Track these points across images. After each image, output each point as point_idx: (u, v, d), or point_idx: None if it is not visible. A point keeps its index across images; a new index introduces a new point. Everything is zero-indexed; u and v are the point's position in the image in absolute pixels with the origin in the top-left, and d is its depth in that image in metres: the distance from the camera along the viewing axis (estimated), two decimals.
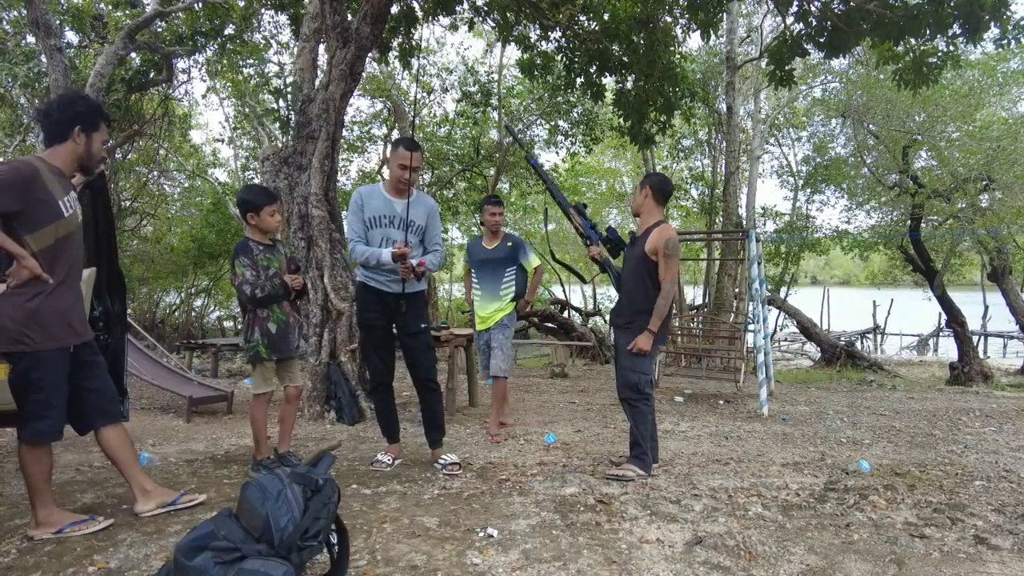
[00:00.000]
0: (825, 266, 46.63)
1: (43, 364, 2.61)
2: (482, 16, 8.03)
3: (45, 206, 2.60)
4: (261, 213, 3.54)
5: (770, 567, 2.46)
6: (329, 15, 5.85)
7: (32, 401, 2.61)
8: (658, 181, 3.81)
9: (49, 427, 2.66)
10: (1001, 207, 11.62)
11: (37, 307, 2.58)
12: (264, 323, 3.54)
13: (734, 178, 13.26)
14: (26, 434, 2.66)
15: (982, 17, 5.03)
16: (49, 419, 2.66)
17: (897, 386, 8.93)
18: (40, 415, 2.63)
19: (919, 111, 11.65)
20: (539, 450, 4.38)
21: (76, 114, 2.70)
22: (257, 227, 3.57)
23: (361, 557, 2.47)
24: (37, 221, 2.58)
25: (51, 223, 2.62)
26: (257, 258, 3.52)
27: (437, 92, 15.83)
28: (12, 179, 2.51)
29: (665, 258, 3.58)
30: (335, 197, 6.11)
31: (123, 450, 2.93)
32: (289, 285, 3.60)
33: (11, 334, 2.54)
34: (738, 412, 6.22)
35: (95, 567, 2.37)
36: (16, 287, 2.54)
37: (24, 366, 2.57)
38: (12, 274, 2.54)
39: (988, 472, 3.92)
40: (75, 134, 2.70)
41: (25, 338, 2.56)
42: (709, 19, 6.39)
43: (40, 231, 2.59)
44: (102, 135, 2.81)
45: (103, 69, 8.16)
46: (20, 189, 2.52)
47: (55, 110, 2.71)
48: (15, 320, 2.54)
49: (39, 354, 2.60)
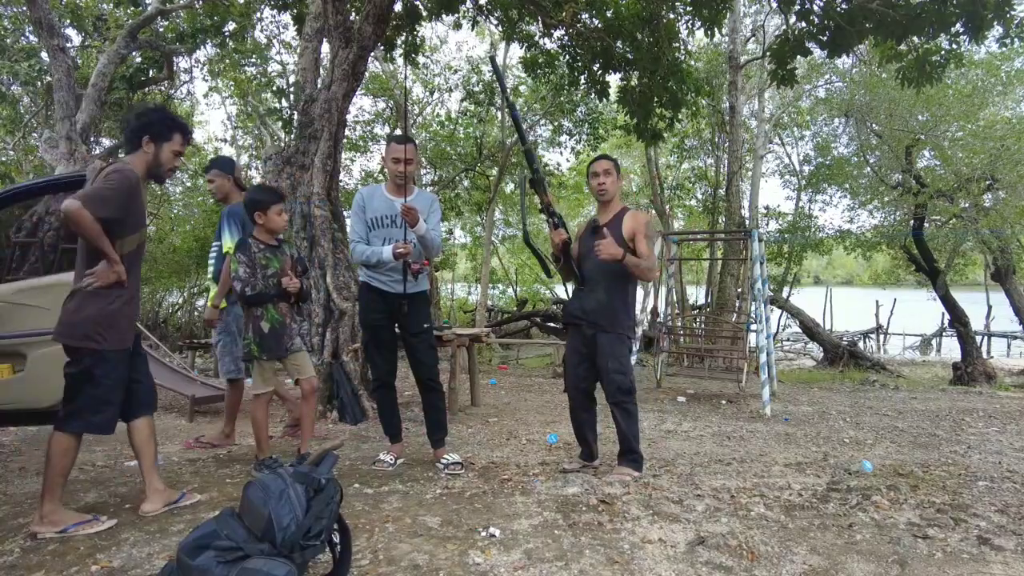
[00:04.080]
0: (828, 266, 46.60)
1: (108, 362, 2.76)
2: (485, 15, 8.02)
3: (138, 214, 2.78)
4: (268, 212, 3.51)
5: (772, 567, 2.45)
6: (331, 15, 5.85)
7: (88, 395, 2.73)
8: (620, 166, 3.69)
9: (105, 421, 2.81)
10: (1005, 207, 11.58)
11: (116, 310, 2.74)
12: (257, 322, 3.52)
13: (737, 177, 13.24)
14: (75, 426, 2.75)
15: (985, 16, 5.02)
16: (105, 414, 2.80)
17: (900, 386, 8.91)
18: (96, 409, 2.76)
19: (922, 110, 11.61)
20: (541, 450, 4.38)
21: (145, 124, 2.83)
22: (264, 226, 3.54)
23: (363, 556, 2.47)
24: (128, 228, 2.74)
25: (137, 231, 2.81)
26: (255, 256, 3.50)
27: (440, 92, 15.85)
28: (123, 188, 2.66)
29: (647, 239, 3.45)
30: (338, 197, 6.12)
31: (149, 444, 3.00)
32: (285, 286, 3.52)
33: (85, 331, 2.68)
34: (740, 412, 6.21)
35: (98, 566, 2.38)
36: (99, 288, 2.69)
37: (88, 362, 2.71)
38: (97, 275, 2.69)
39: (991, 473, 3.91)
40: (144, 143, 2.82)
41: (98, 337, 2.70)
42: (713, 15, 6.38)
43: (128, 237, 2.77)
44: (173, 145, 2.91)
45: (105, 68, 8.18)
46: (126, 198, 2.68)
47: (131, 120, 2.87)
48: (94, 319, 2.68)
49: (106, 353, 2.74)
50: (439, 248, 3.88)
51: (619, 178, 3.61)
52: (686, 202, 18.67)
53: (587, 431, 3.78)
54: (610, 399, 3.56)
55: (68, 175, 4.50)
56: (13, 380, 3.19)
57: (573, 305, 3.69)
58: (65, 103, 6.95)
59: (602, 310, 3.54)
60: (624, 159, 21.43)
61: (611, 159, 3.67)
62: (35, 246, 4.66)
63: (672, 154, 18.04)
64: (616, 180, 3.59)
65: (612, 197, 3.61)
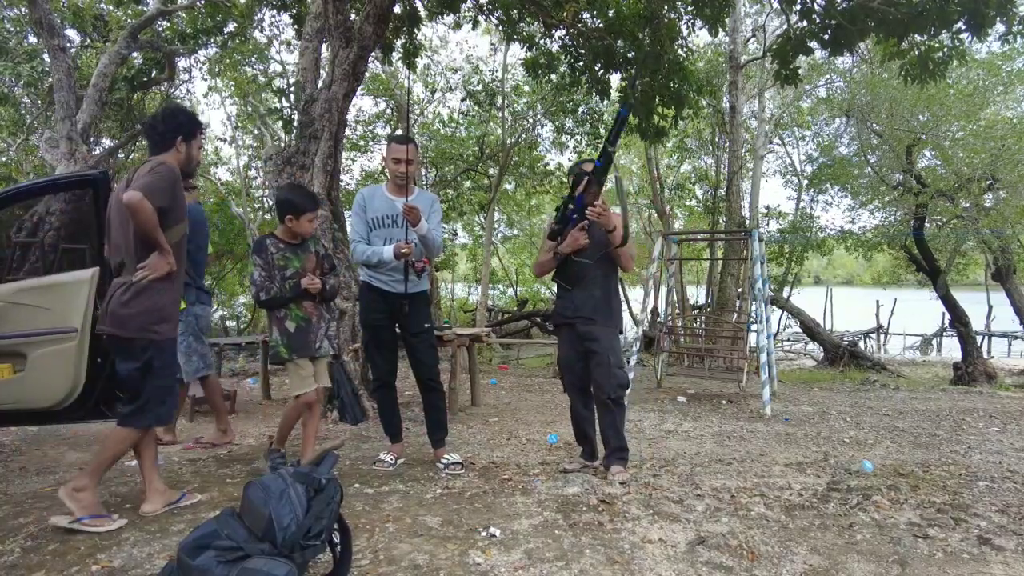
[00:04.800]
0: (828, 266, 46.54)
1: (165, 352, 2.88)
2: (486, 14, 8.02)
3: (180, 207, 2.88)
4: (301, 219, 3.44)
5: (773, 567, 2.45)
6: (332, 15, 5.84)
7: (152, 387, 2.83)
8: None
9: (169, 410, 2.95)
10: (1005, 206, 11.57)
11: (167, 301, 2.85)
12: (282, 322, 3.45)
13: (737, 177, 13.24)
14: (145, 420, 2.85)
15: (987, 13, 5.00)
16: (168, 404, 2.94)
17: (900, 386, 8.90)
18: (161, 400, 2.88)
19: (923, 110, 11.59)
20: (542, 450, 4.38)
21: (178, 125, 2.94)
22: (291, 229, 3.47)
23: (364, 556, 2.47)
24: (173, 219, 2.84)
25: (180, 223, 2.90)
26: (273, 257, 3.43)
27: (440, 92, 15.85)
28: (171, 178, 2.78)
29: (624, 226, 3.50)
30: (338, 197, 6.12)
31: (150, 445, 3.02)
32: (304, 287, 3.43)
33: (140, 323, 2.77)
34: (741, 412, 6.21)
35: (99, 566, 2.38)
36: (153, 280, 2.78)
37: (147, 354, 2.80)
38: (151, 267, 2.78)
39: (992, 472, 3.91)
40: (178, 143, 2.93)
41: (154, 328, 2.79)
42: (715, 14, 6.37)
43: (174, 228, 2.86)
44: (199, 142, 3.04)
45: (106, 68, 8.18)
46: (173, 189, 2.79)
47: (160, 123, 2.95)
48: (148, 311, 2.77)
49: (163, 343, 2.85)
50: (440, 247, 3.87)
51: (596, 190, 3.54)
52: (686, 202, 18.67)
53: (588, 429, 3.77)
54: (608, 395, 3.51)
55: (68, 175, 4.50)
56: (13, 380, 3.19)
57: (563, 305, 3.67)
58: (66, 103, 6.95)
59: (595, 305, 3.55)
60: (624, 159, 21.44)
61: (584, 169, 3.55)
62: (35, 246, 4.66)
63: (672, 154, 18.04)
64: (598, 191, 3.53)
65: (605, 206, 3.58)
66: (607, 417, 3.56)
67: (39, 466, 3.88)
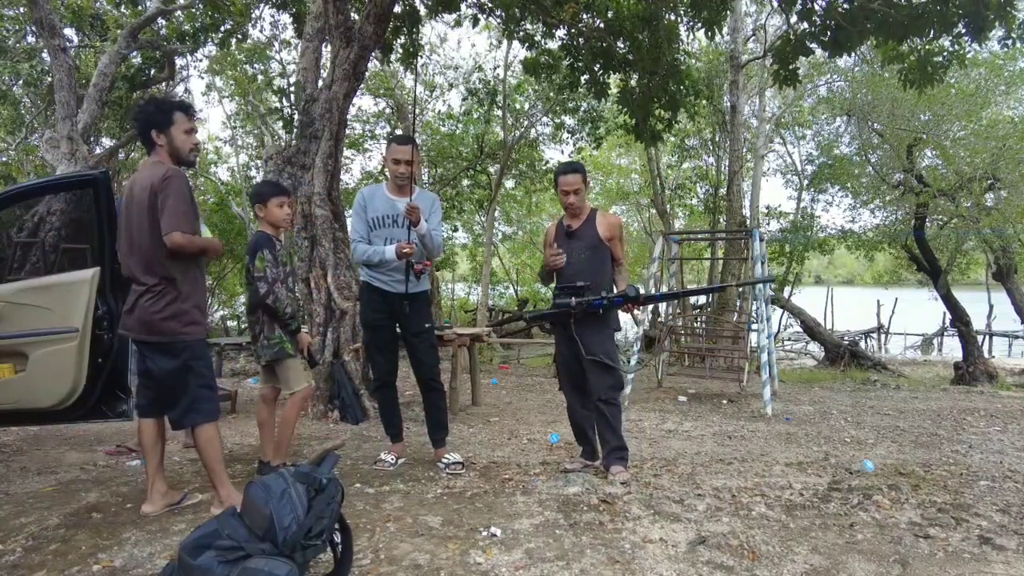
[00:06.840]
0: (829, 265, 46.53)
1: (201, 351, 2.89)
2: (486, 13, 8.01)
3: (196, 207, 2.90)
4: (268, 204, 3.46)
5: (774, 567, 2.45)
6: (332, 14, 5.85)
7: (196, 388, 2.84)
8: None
9: (216, 405, 2.95)
10: (1006, 206, 11.56)
11: (192, 305, 2.86)
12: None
13: (738, 177, 13.23)
14: (195, 419, 2.86)
15: (987, 16, 5.00)
16: (214, 400, 2.94)
17: (901, 386, 8.89)
18: (206, 398, 2.89)
19: (924, 110, 11.59)
20: (542, 449, 4.38)
21: (146, 118, 2.88)
22: (265, 219, 3.50)
23: (364, 556, 2.47)
24: (196, 217, 2.89)
25: (199, 217, 2.96)
26: (279, 253, 3.46)
27: (440, 89, 15.82)
28: (181, 188, 2.79)
29: (621, 240, 3.63)
30: (338, 196, 6.12)
31: (156, 446, 3.03)
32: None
33: (173, 327, 2.78)
34: (741, 412, 6.20)
35: (100, 565, 2.38)
36: (179, 286, 2.81)
37: (186, 357, 2.80)
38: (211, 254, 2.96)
39: (993, 472, 3.91)
40: (155, 137, 2.87)
41: (186, 330, 2.81)
42: (713, 16, 6.37)
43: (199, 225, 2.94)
44: (180, 126, 2.89)
45: (106, 68, 8.18)
46: (188, 196, 2.82)
47: (135, 123, 2.94)
48: (177, 314, 2.78)
49: (198, 343, 2.86)
50: (440, 247, 3.88)
51: (586, 183, 3.64)
52: (687, 201, 18.63)
53: (587, 428, 3.77)
54: (600, 395, 3.51)
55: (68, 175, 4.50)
56: (14, 380, 3.19)
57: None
58: (66, 103, 6.94)
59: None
60: (624, 158, 21.44)
61: (578, 170, 3.64)
62: (36, 246, 4.66)
63: (673, 154, 18.02)
64: (584, 191, 3.62)
65: (582, 203, 3.65)
66: (602, 417, 3.57)
67: (40, 466, 3.89)
